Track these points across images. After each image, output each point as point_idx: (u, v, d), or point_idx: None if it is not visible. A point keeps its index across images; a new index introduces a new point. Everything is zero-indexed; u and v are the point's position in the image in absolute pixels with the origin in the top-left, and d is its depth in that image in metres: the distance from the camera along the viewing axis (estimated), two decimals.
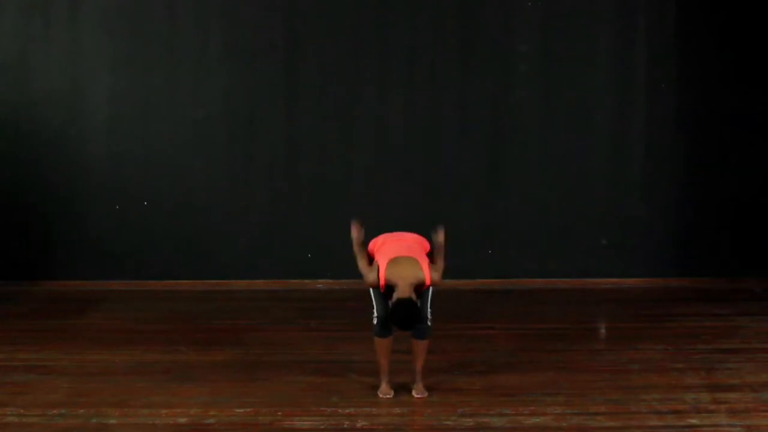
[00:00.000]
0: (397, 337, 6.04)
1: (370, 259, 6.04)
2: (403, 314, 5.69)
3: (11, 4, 9.40)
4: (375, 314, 5.94)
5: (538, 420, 5.59)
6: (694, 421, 5.58)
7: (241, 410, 5.77)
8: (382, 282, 5.83)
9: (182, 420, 5.62)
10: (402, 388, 6.10)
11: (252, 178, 9.58)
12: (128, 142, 9.50)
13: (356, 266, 6.02)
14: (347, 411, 5.75)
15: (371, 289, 5.96)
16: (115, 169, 9.50)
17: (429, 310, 5.97)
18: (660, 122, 9.59)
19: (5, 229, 9.48)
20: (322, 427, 5.51)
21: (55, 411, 5.76)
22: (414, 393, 6.03)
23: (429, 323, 5.97)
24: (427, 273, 5.83)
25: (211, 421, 5.60)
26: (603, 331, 8.00)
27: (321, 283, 9.53)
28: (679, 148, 9.61)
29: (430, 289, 5.97)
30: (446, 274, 9.22)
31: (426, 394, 6.02)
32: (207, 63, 9.49)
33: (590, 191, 9.63)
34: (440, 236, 6.02)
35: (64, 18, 9.40)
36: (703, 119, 9.59)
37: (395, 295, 5.75)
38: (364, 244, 6.10)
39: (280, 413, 5.71)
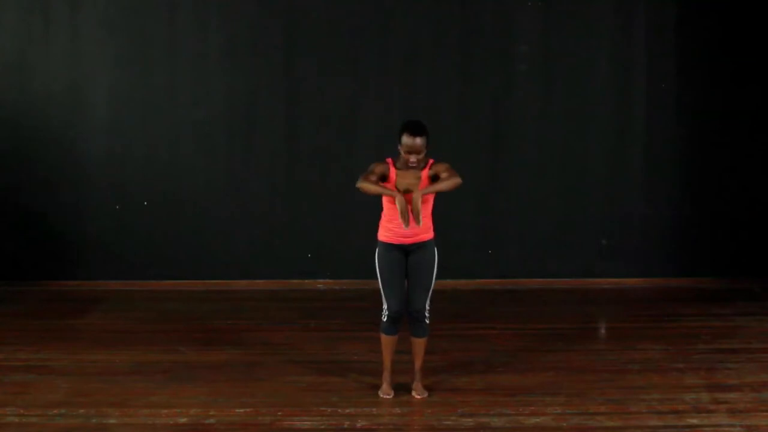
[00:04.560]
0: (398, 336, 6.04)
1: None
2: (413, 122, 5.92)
3: (11, 4, 9.41)
4: (385, 310, 5.94)
5: (538, 420, 5.59)
6: (694, 421, 5.58)
7: (241, 410, 5.77)
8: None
9: (182, 420, 5.62)
10: (402, 388, 6.10)
11: (252, 178, 9.58)
12: (128, 142, 9.50)
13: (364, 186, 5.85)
14: (347, 411, 5.75)
15: (381, 284, 5.95)
16: (115, 169, 9.50)
17: (427, 308, 5.97)
18: (660, 122, 9.60)
19: (5, 229, 9.49)
20: (322, 427, 5.51)
21: (55, 411, 5.76)
22: (414, 393, 6.04)
23: (427, 321, 5.98)
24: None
25: (211, 421, 5.61)
26: (603, 331, 8.01)
27: (321, 283, 9.53)
28: (679, 148, 9.62)
29: (432, 284, 5.97)
30: (446, 274, 9.26)
31: (426, 394, 6.03)
32: (207, 63, 9.49)
33: (590, 191, 9.63)
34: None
35: (64, 18, 9.41)
36: (703, 119, 9.59)
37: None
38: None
39: (280, 413, 5.71)
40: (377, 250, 6.02)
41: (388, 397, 5.99)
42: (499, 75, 9.57)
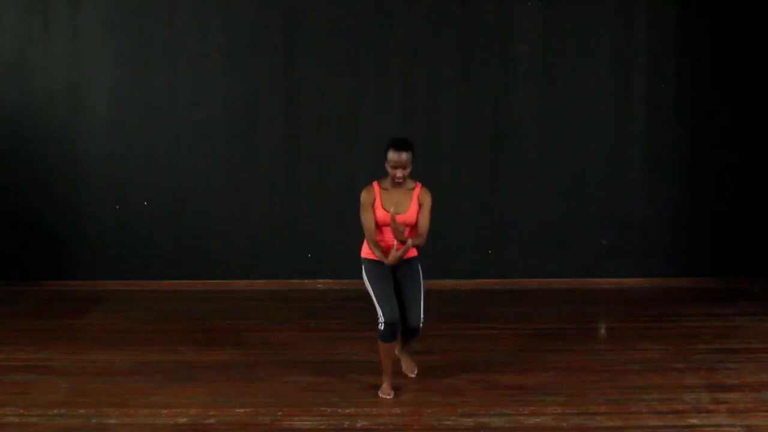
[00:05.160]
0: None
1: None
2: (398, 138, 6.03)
3: (11, 4, 9.41)
4: (381, 320, 5.96)
5: (538, 420, 5.59)
6: (694, 421, 5.58)
7: (241, 410, 5.77)
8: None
9: (182, 420, 5.62)
10: (402, 388, 6.10)
11: (252, 178, 9.58)
12: (128, 142, 9.50)
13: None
14: (347, 411, 5.75)
15: (374, 296, 5.99)
16: (115, 169, 9.50)
17: (422, 316, 6.08)
18: (660, 122, 9.60)
19: (5, 229, 9.49)
20: (322, 427, 5.51)
21: (55, 411, 5.76)
22: (405, 370, 6.35)
23: (421, 326, 6.12)
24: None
25: (211, 421, 5.60)
26: (603, 331, 8.01)
27: (321, 283, 9.53)
28: (679, 148, 9.62)
29: (422, 297, 6.10)
30: (446, 274, 9.27)
31: (416, 371, 6.33)
32: (207, 63, 9.49)
33: (590, 191, 9.63)
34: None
35: (64, 18, 9.41)
36: (703, 119, 9.60)
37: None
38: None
39: (280, 413, 5.71)
40: (363, 266, 6.13)
41: (388, 397, 6.00)
42: (499, 75, 9.57)
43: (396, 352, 6.27)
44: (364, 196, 6.05)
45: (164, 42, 9.47)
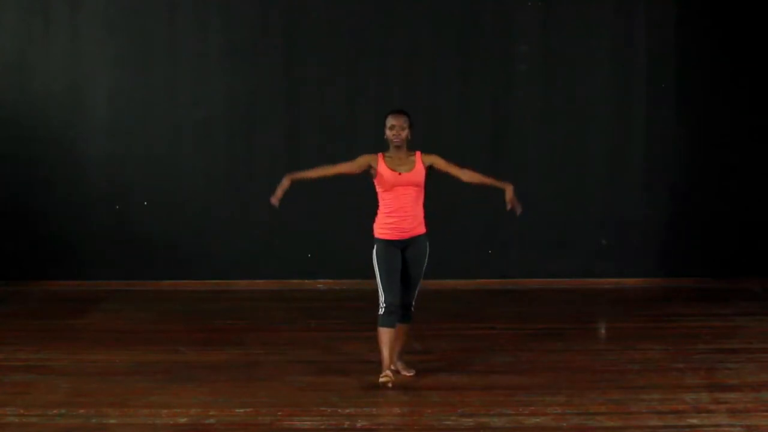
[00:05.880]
0: None
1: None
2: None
3: (11, 4, 9.41)
4: (382, 302, 6.03)
5: (538, 420, 5.58)
6: (694, 421, 5.57)
7: (241, 410, 5.76)
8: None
9: (182, 420, 5.61)
10: (402, 388, 6.10)
11: (252, 177, 9.58)
12: (128, 142, 9.50)
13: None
14: (347, 411, 5.75)
15: (380, 279, 6.09)
16: (115, 169, 9.50)
17: (414, 298, 6.28)
18: (660, 122, 9.60)
19: (5, 229, 9.49)
20: (322, 427, 5.50)
21: (55, 411, 5.75)
22: (404, 372, 6.32)
23: (413, 309, 6.29)
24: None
25: (211, 421, 5.60)
26: (603, 331, 8.01)
27: (321, 283, 9.53)
28: (679, 149, 9.62)
29: (421, 278, 6.22)
30: (446, 274, 9.26)
31: (414, 371, 6.33)
32: (207, 63, 9.50)
33: (590, 191, 9.63)
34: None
35: (64, 18, 9.41)
36: (703, 119, 9.60)
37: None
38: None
39: (280, 413, 5.71)
40: (375, 246, 6.20)
41: (390, 374, 6.03)
42: (499, 75, 9.57)
43: (392, 368, 6.23)
44: (365, 155, 6.40)
45: (164, 42, 9.47)
